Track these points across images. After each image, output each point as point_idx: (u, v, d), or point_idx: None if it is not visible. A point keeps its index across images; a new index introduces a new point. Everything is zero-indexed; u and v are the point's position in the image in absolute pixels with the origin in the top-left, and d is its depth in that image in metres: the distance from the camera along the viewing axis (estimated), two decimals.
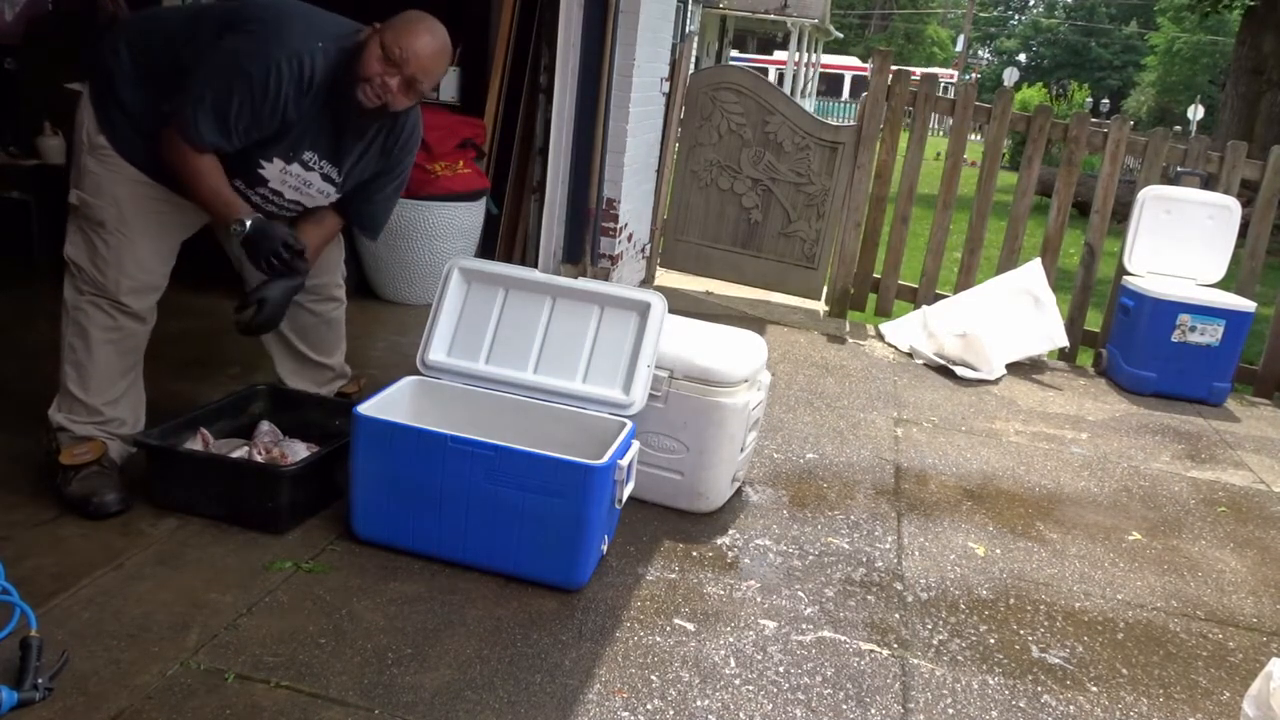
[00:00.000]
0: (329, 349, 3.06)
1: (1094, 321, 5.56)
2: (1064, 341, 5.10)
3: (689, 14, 6.11)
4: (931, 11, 47.62)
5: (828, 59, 35.14)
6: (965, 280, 5.50)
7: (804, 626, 2.41)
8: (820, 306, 5.73)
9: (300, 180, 2.57)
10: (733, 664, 2.22)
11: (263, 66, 2.32)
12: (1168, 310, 4.79)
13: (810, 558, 2.77)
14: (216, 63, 2.35)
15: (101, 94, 2.45)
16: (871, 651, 2.34)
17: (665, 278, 5.84)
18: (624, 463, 2.39)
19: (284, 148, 2.49)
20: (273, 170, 2.52)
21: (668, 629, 2.32)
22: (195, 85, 2.35)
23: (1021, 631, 2.53)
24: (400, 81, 2.41)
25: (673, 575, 2.57)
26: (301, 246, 2.56)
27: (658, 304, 2.73)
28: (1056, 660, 2.42)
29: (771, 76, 28.27)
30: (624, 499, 2.45)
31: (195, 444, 2.61)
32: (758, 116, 5.67)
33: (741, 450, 2.93)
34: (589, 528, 2.34)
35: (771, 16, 27.35)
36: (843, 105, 32.03)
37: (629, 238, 5.18)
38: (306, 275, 2.66)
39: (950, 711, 2.16)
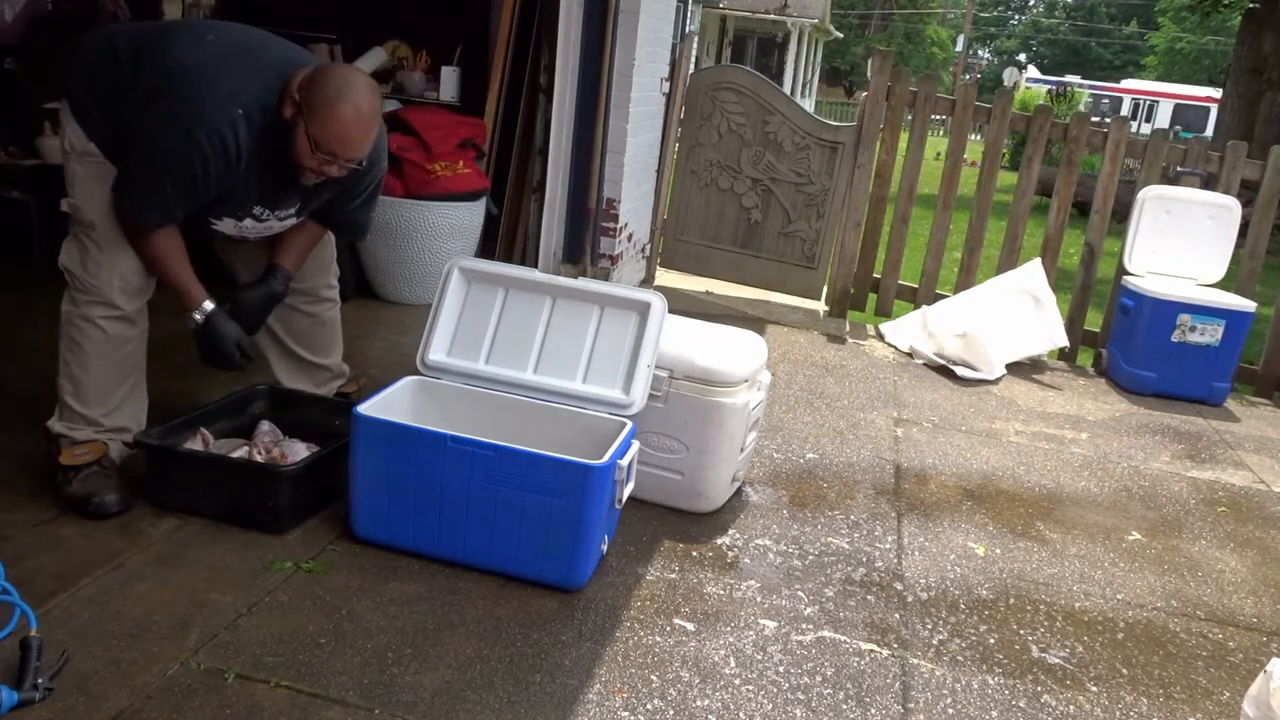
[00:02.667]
0: (325, 350, 3.05)
1: (1094, 321, 5.56)
2: (1064, 341, 5.10)
3: (689, 14, 6.11)
4: (931, 11, 47.60)
5: (1174, 87, 31.64)
6: (965, 280, 5.50)
7: (804, 626, 2.41)
8: (820, 306, 5.73)
9: (257, 226, 2.61)
10: (733, 664, 2.22)
11: (184, 148, 2.29)
12: (1168, 310, 4.79)
13: (810, 558, 2.77)
14: (144, 148, 2.34)
15: (81, 115, 2.46)
16: (871, 651, 2.34)
17: (665, 278, 5.84)
18: (624, 463, 2.39)
19: (230, 209, 2.51)
20: (226, 225, 2.57)
21: (668, 629, 2.32)
22: (128, 173, 2.38)
23: (1021, 631, 2.53)
24: (337, 165, 2.38)
25: (673, 575, 2.57)
26: (255, 352, 2.62)
27: (658, 304, 2.73)
28: (1056, 660, 2.42)
29: (1125, 108, 26.70)
30: (624, 499, 2.45)
31: (195, 444, 2.61)
32: (758, 116, 5.67)
33: (741, 450, 2.93)
34: (589, 528, 2.34)
35: (772, 16, 27.37)
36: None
37: (629, 238, 5.18)
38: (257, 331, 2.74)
39: (950, 711, 2.16)
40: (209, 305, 2.55)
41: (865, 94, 5.59)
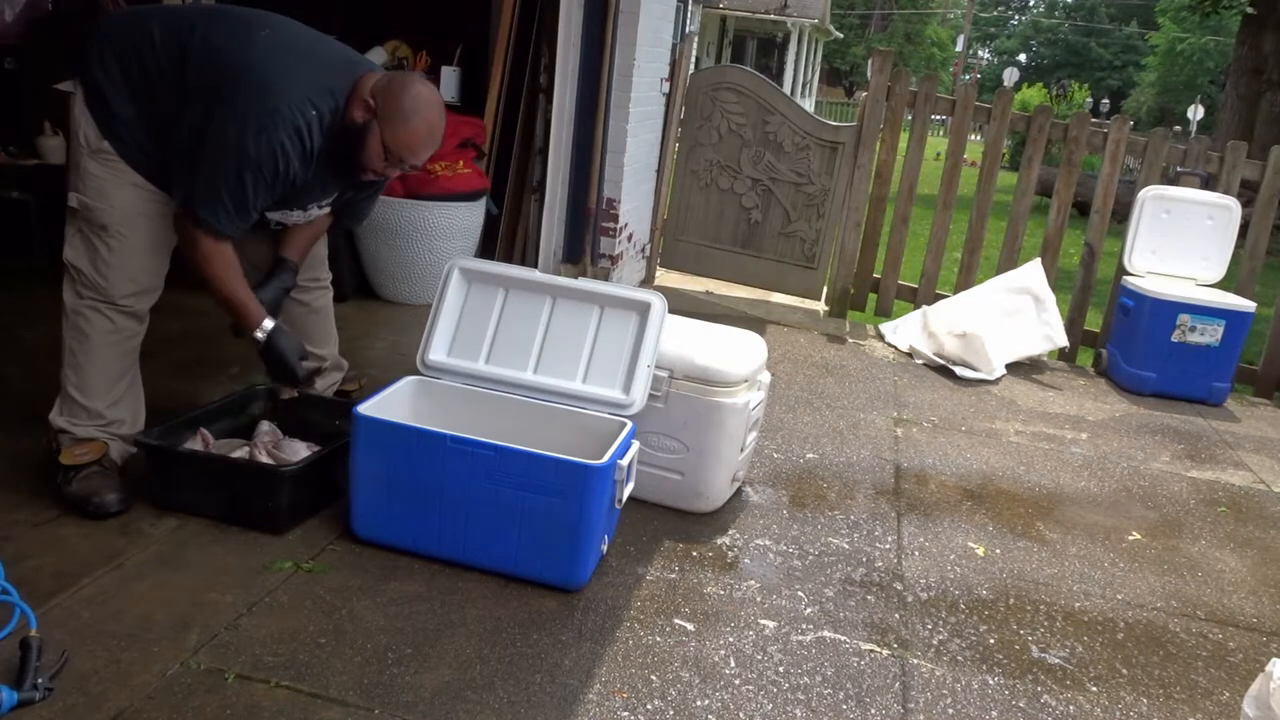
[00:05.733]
0: (321, 339, 3.06)
1: (1094, 321, 5.56)
2: (1064, 341, 5.10)
3: (689, 14, 6.10)
4: (931, 12, 47.60)
5: None
6: (965, 280, 5.50)
7: (804, 626, 2.41)
8: (820, 306, 5.72)
9: (303, 216, 2.69)
10: (733, 664, 2.22)
11: (266, 150, 2.31)
12: (1168, 310, 4.79)
13: (810, 558, 2.77)
14: (220, 153, 2.32)
15: (98, 104, 2.42)
16: (871, 651, 2.34)
17: (665, 278, 5.84)
18: (624, 463, 2.39)
19: (288, 204, 2.57)
20: (276, 216, 2.62)
21: (668, 629, 2.32)
22: (205, 181, 2.34)
23: (1021, 631, 2.53)
24: (400, 171, 2.52)
25: (673, 575, 2.57)
26: (314, 360, 2.67)
27: (658, 304, 2.73)
28: (1056, 660, 2.42)
29: None
30: (624, 499, 2.45)
31: (195, 444, 2.61)
32: (757, 116, 5.67)
33: (741, 450, 2.93)
34: (589, 528, 2.34)
35: (772, 16, 27.38)
36: None
37: (629, 238, 5.18)
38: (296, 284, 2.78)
39: (950, 711, 2.16)
40: (269, 323, 2.56)
41: (865, 94, 5.59)
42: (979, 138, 13.54)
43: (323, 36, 2.58)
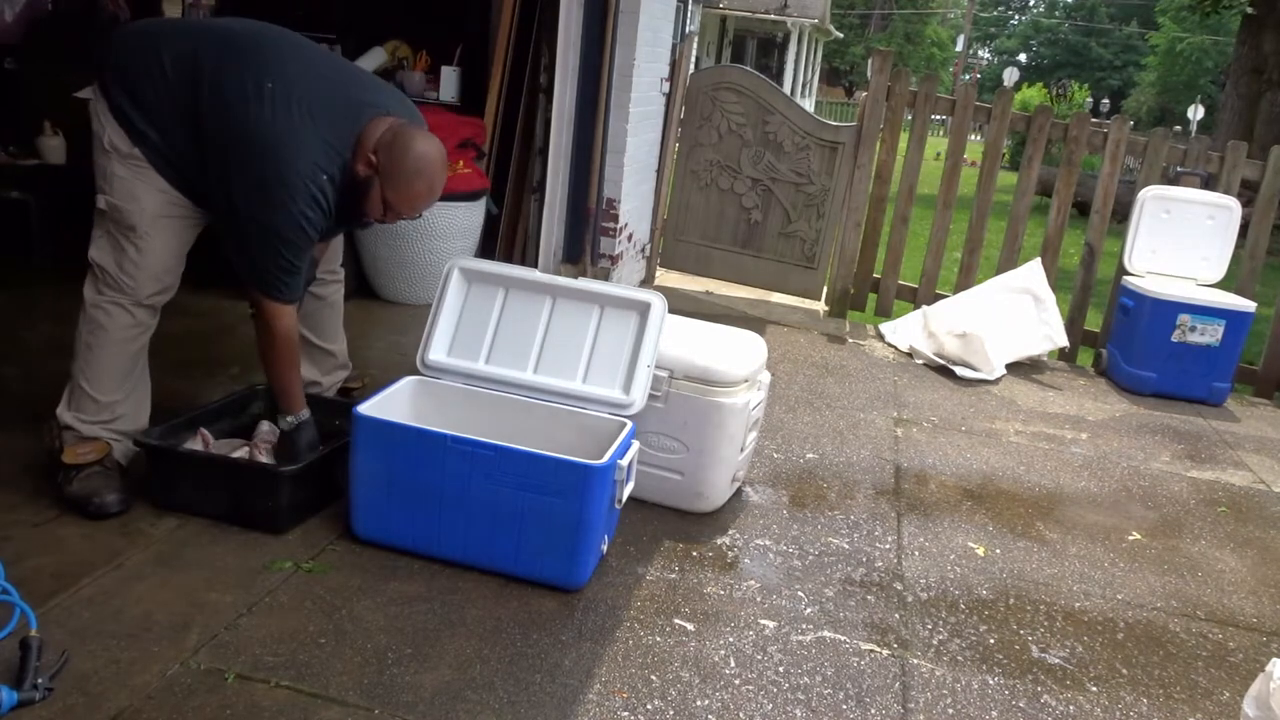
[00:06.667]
0: (332, 335, 3.10)
1: (1094, 321, 5.56)
2: (1064, 341, 5.10)
3: (689, 14, 6.11)
4: (931, 12, 47.59)
5: None
6: (965, 280, 5.50)
7: (804, 626, 2.41)
8: (820, 307, 5.73)
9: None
10: (733, 664, 2.22)
11: (294, 224, 2.39)
12: (1168, 310, 4.79)
13: (810, 558, 2.77)
14: (254, 240, 2.41)
15: (123, 120, 2.44)
16: (871, 651, 2.34)
17: (665, 278, 5.85)
18: (624, 463, 2.39)
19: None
20: None
21: (668, 629, 2.32)
22: (253, 265, 2.44)
23: (1021, 631, 2.53)
24: (397, 220, 2.59)
25: (673, 575, 2.57)
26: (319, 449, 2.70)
27: (658, 304, 2.73)
28: (1056, 660, 2.42)
29: None
30: (624, 499, 2.45)
31: (195, 444, 2.61)
32: (757, 116, 5.67)
33: (741, 450, 2.93)
34: (589, 528, 2.34)
35: (772, 16, 27.38)
36: None
37: (629, 238, 5.18)
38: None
39: (950, 711, 2.16)
40: (306, 413, 2.65)
41: (865, 94, 5.59)
42: (979, 138, 13.54)
43: (323, 67, 2.54)
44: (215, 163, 2.40)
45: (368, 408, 2.45)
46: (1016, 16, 62.31)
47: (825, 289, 5.81)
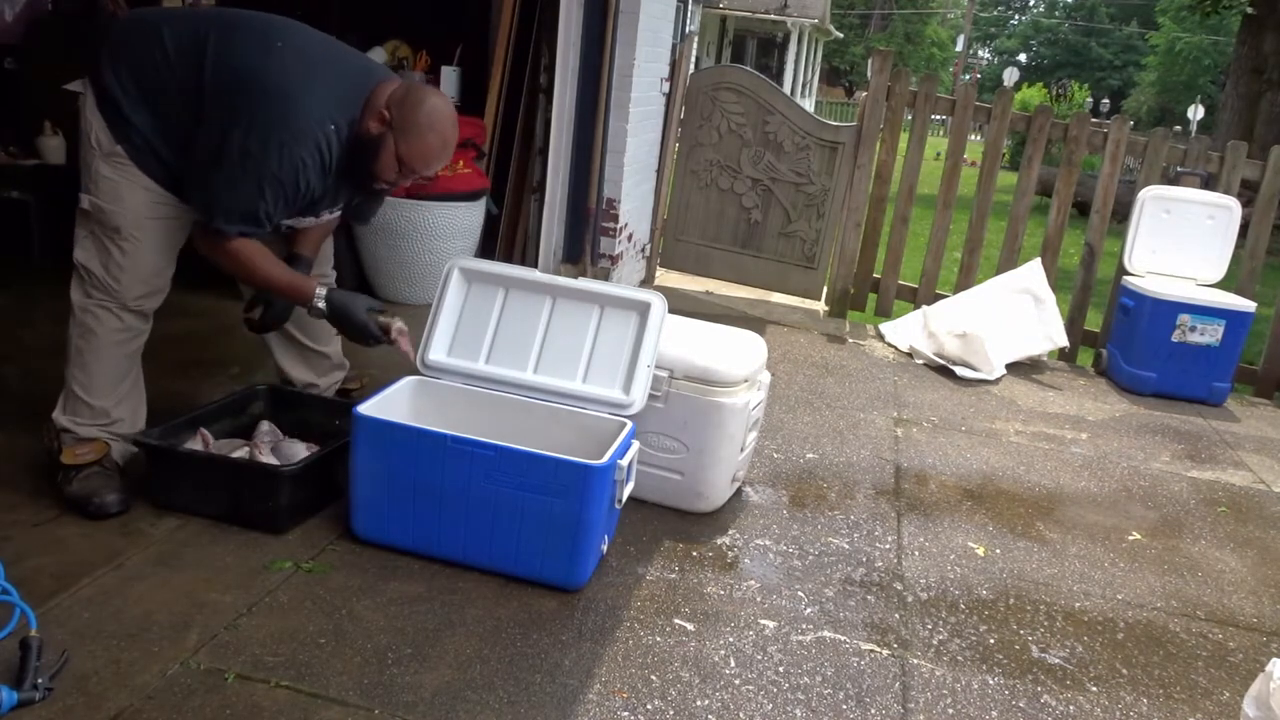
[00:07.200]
0: (325, 337, 3.07)
1: (1094, 321, 5.56)
2: (1064, 341, 5.11)
3: (689, 14, 6.10)
4: (931, 11, 47.60)
5: None
6: (965, 280, 5.50)
7: (804, 626, 2.41)
8: (820, 306, 5.73)
9: (313, 222, 2.71)
10: (733, 664, 2.22)
11: (286, 165, 2.33)
12: (1168, 310, 4.79)
13: (810, 558, 2.77)
14: (236, 164, 2.32)
15: (110, 109, 2.41)
16: (871, 651, 2.34)
17: (665, 278, 5.85)
18: (624, 463, 2.39)
19: (303, 211, 2.58)
20: (289, 222, 2.63)
21: (668, 629, 2.32)
22: (223, 192, 2.35)
23: (1021, 631, 2.53)
24: (411, 180, 2.57)
25: (673, 575, 2.57)
26: (389, 318, 2.64)
27: (658, 304, 2.73)
28: (1056, 660, 2.42)
29: None
30: (624, 499, 2.45)
31: (195, 444, 2.61)
32: (757, 116, 5.67)
33: (741, 450, 2.93)
34: (589, 528, 2.34)
35: (772, 16, 27.38)
36: None
37: (629, 238, 5.18)
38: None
39: (950, 711, 2.16)
40: (322, 289, 2.59)
41: (865, 94, 5.59)
42: (979, 138, 13.54)
43: (333, 42, 2.57)
44: (214, 130, 2.34)
45: (367, 408, 2.45)
46: (1016, 16, 62.32)
47: (825, 289, 5.82)
